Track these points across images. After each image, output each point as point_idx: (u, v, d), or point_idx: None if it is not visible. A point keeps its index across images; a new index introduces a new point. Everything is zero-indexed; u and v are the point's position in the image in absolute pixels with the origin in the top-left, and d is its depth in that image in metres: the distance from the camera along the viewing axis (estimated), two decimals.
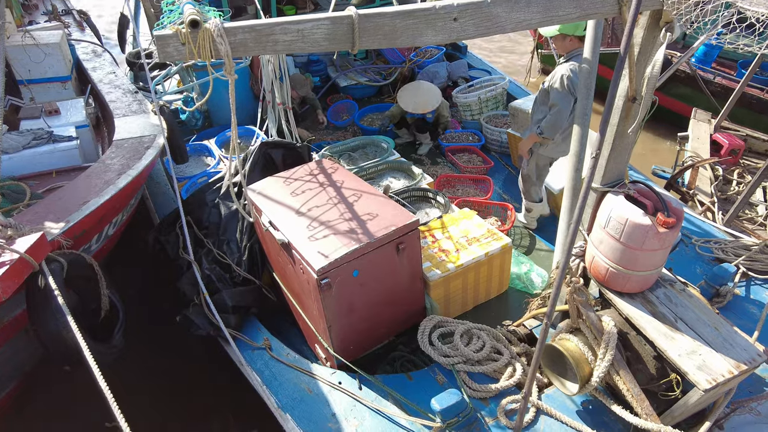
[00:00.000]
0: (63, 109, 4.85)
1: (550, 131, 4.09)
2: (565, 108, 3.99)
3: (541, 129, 4.12)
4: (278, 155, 4.34)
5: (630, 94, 2.39)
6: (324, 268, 2.97)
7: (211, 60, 1.54)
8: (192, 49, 1.48)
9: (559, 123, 4.03)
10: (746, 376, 2.54)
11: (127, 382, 4.30)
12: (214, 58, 1.55)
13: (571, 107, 3.97)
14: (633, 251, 2.60)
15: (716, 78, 7.44)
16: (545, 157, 4.44)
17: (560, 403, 3.02)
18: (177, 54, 1.50)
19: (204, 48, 1.49)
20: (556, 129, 4.08)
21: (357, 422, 3.00)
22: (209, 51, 1.51)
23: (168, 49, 1.49)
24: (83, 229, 3.32)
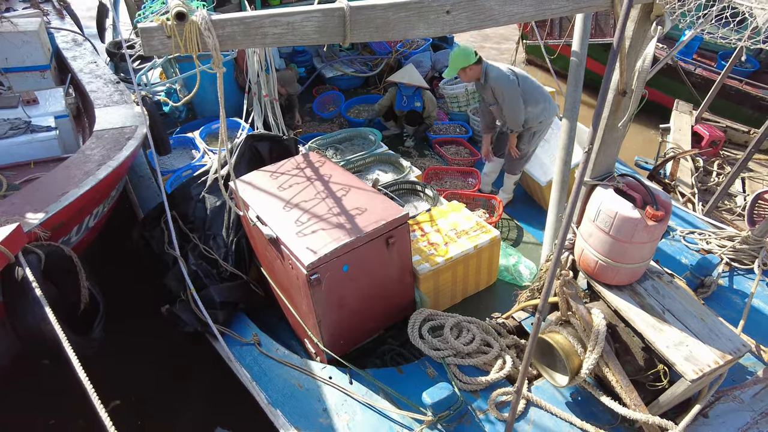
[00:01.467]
0: (42, 99, 4.71)
1: (516, 125, 4.57)
2: (517, 105, 4.46)
3: (511, 129, 4.64)
4: (265, 148, 4.28)
5: (620, 87, 2.39)
6: (313, 264, 2.95)
7: (197, 53, 1.49)
8: (178, 43, 1.43)
9: (519, 115, 4.51)
10: (731, 365, 2.58)
11: (111, 378, 4.26)
12: (201, 51, 1.50)
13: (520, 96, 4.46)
14: (622, 244, 2.62)
15: (697, 69, 7.51)
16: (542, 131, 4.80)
17: (550, 394, 3.05)
18: (162, 47, 1.45)
19: (191, 41, 1.44)
20: (519, 121, 4.55)
21: (348, 417, 3.00)
22: (196, 44, 1.46)
23: (153, 42, 1.44)
24: (61, 220, 3.24)
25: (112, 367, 4.27)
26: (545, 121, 4.69)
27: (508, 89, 4.39)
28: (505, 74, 4.43)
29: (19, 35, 5.09)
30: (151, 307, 3.93)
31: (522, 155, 4.80)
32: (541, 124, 4.69)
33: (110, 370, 4.25)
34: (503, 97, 4.44)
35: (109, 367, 4.22)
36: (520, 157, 4.81)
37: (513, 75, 4.46)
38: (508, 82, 4.40)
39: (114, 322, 4.00)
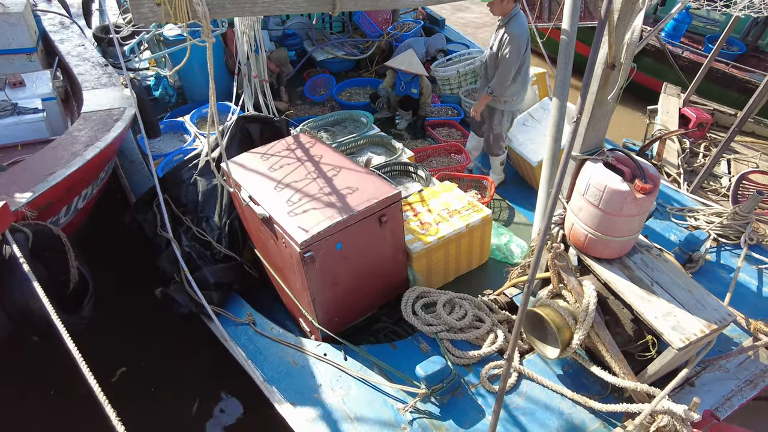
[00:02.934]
0: (28, 81, 4.66)
1: (499, 87, 4.51)
2: (512, 66, 4.40)
3: (491, 89, 4.53)
4: (256, 129, 4.27)
5: (609, 61, 2.41)
6: (307, 242, 2.96)
7: (187, 22, 1.49)
8: (168, 10, 1.43)
9: (505, 80, 4.46)
10: (716, 335, 2.64)
11: (106, 357, 4.28)
12: (191, 19, 1.50)
13: (518, 60, 4.40)
14: (611, 217, 2.66)
15: (684, 53, 7.56)
16: (514, 112, 4.85)
17: (541, 367, 3.11)
18: (152, 15, 1.45)
19: (180, 9, 1.44)
20: (504, 85, 4.50)
21: (343, 392, 3.04)
22: (186, 12, 1.46)
23: (142, 9, 1.43)
24: (49, 200, 3.24)
25: (108, 345, 4.31)
26: (515, 103, 4.71)
27: (517, 45, 4.30)
28: (525, 33, 4.35)
29: (4, 17, 5.01)
30: (146, 288, 3.95)
31: (495, 136, 4.85)
32: (509, 104, 4.69)
33: (106, 349, 4.29)
34: (508, 50, 4.32)
35: (104, 345, 4.26)
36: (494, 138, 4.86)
37: (527, 41, 4.41)
38: (521, 39, 4.32)
39: (108, 303, 4.03)
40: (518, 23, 4.33)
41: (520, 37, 4.30)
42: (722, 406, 2.81)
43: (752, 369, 2.99)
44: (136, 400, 4.02)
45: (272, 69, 6.05)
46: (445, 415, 2.87)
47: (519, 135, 4.99)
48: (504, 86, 4.51)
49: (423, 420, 2.85)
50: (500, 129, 4.85)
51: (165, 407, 4.10)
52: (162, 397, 4.15)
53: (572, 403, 2.89)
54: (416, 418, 2.86)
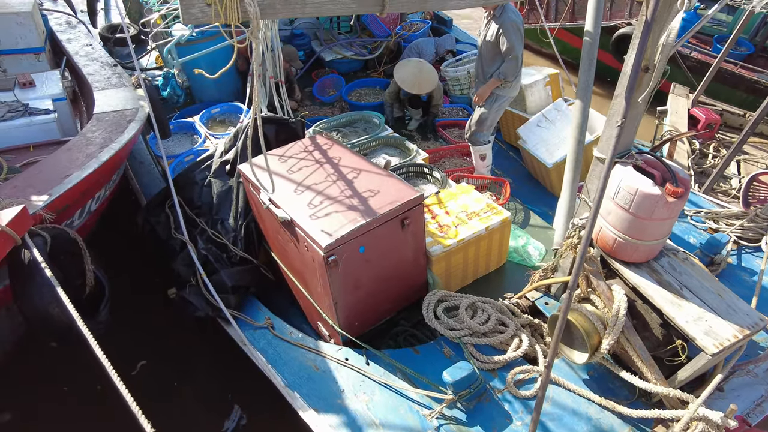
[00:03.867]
0: (38, 82, 4.60)
1: (512, 72, 4.54)
2: (520, 53, 4.49)
3: (503, 74, 4.54)
4: (271, 131, 4.23)
5: (643, 63, 2.38)
6: (330, 245, 2.92)
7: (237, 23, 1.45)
8: (218, 11, 1.39)
9: (518, 67, 4.56)
10: (748, 340, 2.62)
11: (124, 361, 4.23)
12: (241, 20, 1.46)
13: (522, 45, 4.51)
14: (642, 221, 2.63)
15: (693, 53, 7.54)
16: (507, 98, 4.80)
17: (567, 372, 3.08)
18: (202, 15, 1.41)
19: (231, 9, 1.40)
20: (516, 72, 4.56)
21: (367, 397, 3.00)
22: (236, 12, 1.42)
23: (192, 10, 1.39)
24: (66, 203, 3.20)
25: (124, 350, 4.26)
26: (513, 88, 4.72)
27: (519, 32, 4.41)
28: (521, 18, 4.47)
29: (12, 17, 4.94)
30: (159, 290, 3.91)
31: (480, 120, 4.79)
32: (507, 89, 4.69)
33: (122, 353, 4.24)
34: (513, 38, 4.39)
35: (121, 349, 4.21)
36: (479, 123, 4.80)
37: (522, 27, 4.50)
38: (520, 25, 4.43)
39: (123, 306, 3.98)
40: (512, 11, 4.45)
41: (519, 23, 4.42)
42: (753, 411, 2.79)
43: None
44: (150, 403, 3.97)
45: (284, 67, 6.00)
46: (472, 421, 2.83)
47: (533, 136, 4.96)
48: (516, 71, 4.56)
49: (450, 426, 2.82)
50: (492, 115, 4.78)
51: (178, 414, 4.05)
52: (176, 403, 4.11)
53: (600, 408, 2.86)
54: (443, 424, 2.83)
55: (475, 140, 4.93)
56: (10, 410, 3.93)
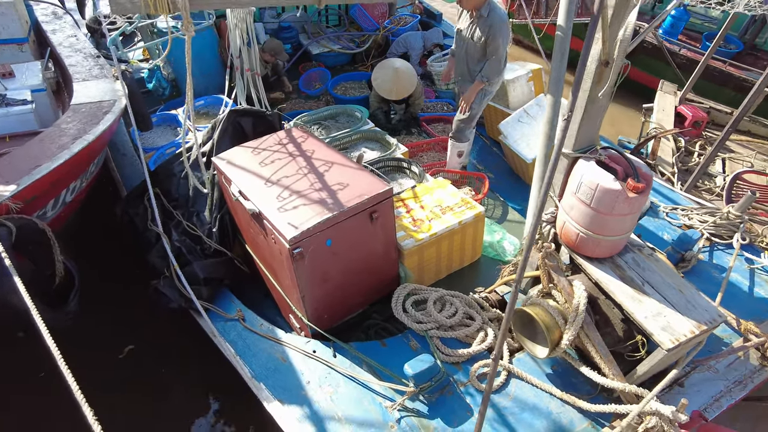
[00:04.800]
0: (18, 72, 4.60)
1: (495, 74, 4.57)
2: (504, 54, 4.48)
3: (487, 77, 4.55)
4: (248, 123, 4.22)
5: (603, 57, 2.38)
6: (296, 238, 2.93)
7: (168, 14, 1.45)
8: (147, 1, 1.39)
9: (500, 69, 4.57)
10: (707, 335, 2.63)
11: (94, 356, 4.26)
12: (172, 12, 1.46)
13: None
14: (603, 216, 2.63)
15: (682, 50, 7.52)
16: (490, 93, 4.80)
17: (531, 366, 3.10)
18: (130, 6, 1.41)
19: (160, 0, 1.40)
20: (499, 72, 4.59)
21: (331, 389, 3.02)
22: (166, 3, 1.42)
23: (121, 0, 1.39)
24: (34, 194, 3.20)
25: (96, 339, 4.30)
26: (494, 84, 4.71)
27: (506, 34, 4.40)
28: (507, 18, 4.45)
29: None
30: (138, 281, 3.92)
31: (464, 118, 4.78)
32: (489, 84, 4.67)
33: (94, 343, 4.28)
34: (500, 41, 4.37)
35: (92, 339, 4.25)
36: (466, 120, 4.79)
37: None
38: (507, 27, 4.42)
39: (100, 294, 4.00)
40: (499, 11, 4.42)
41: (506, 24, 4.41)
42: (711, 406, 2.80)
43: (741, 370, 2.98)
44: (119, 393, 3.99)
45: (267, 60, 5.98)
46: (434, 413, 2.85)
47: (514, 132, 4.96)
48: (499, 73, 4.57)
49: (411, 418, 2.83)
50: (478, 110, 4.80)
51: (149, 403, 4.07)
52: (146, 392, 4.12)
53: (561, 403, 2.88)
54: (404, 416, 2.84)
55: (460, 137, 4.91)
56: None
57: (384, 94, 5.42)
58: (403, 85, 5.36)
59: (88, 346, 4.33)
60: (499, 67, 4.51)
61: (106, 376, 4.19)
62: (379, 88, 5.41)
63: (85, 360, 4.32)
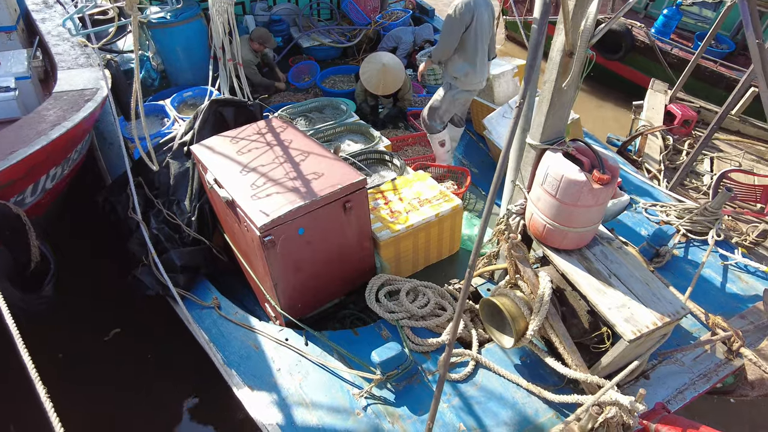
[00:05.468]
0: (3, 60, 4.62)
1: (436, 55, 4.58)
2: (450, 34, 4.38)
3: (432, 56, 4.64)
4: (230, 113, 4.24)
5: (567, 48, 2.39)
6: (266, 225, 2.95)
7: None
8: None
9: (444, 48, 4.48)
10: (670, 327, 2.64)
11: (80, 337, 4.30)
12: None
13: (460, 35, 4.39)
14: (568, 207, 2.64)
15: (673, 50, 7.51)
16: (460, 91, 4.73)
17: (500, 357, 3.12)
18: None
19: None
20: (442, 53, 4.53)
21: (301, 377, 3.04)
22: None
23: None
24: (9, 179, 3.22)
25: (75, 324, 4.33)
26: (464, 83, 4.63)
27: (449, 16, 4.36)
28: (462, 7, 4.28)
29: None
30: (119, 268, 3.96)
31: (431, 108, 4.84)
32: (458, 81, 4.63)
33: (72, 328, 4.31)
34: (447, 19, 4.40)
35: (72, 324, 4.28)
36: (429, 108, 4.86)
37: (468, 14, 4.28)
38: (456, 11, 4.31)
39: (76, 284, 4.02)
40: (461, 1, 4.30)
41: (455, 8, 4.30)
42: (674, 398, 2.82)
43: (707, 363, 2.99)
44: (91, 384, 4.04)
45: (256, 49, 5.99)
46: (400, 401, 2.87)
47: (498, 126, 4.97)
48: (438, 53, 4.55)
49: (377, 406, 2.86)
50: (438, 103, 4.81)
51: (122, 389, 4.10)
52: (122, 379, 4.16)
53: (527, 393, 2.90)
54: (371, 403, 2.87)
55: (428, 127, 4.97)
56: None
57: (371, 88, 5.43)
58: (390, 81, 5.37)
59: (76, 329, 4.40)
60: (441, 46, 4.47)
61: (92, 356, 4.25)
62: (366, 83, 5.42)
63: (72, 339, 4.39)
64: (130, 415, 3.96)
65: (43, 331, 3.92)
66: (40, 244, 3.39)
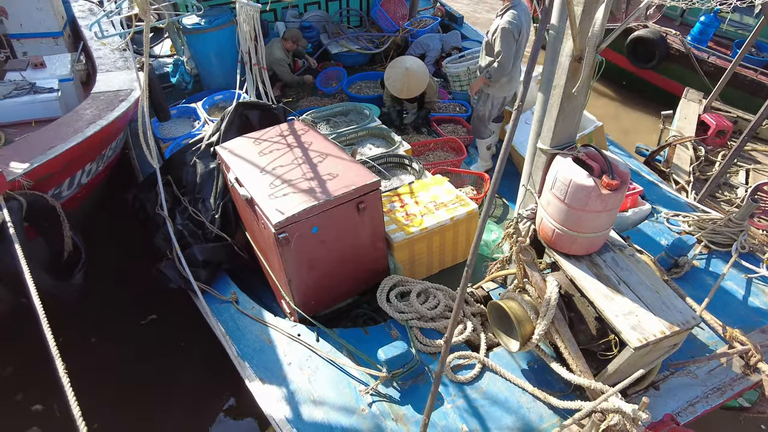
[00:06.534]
0: (49, 63, 4.93)
1: (497, 75, 4.73)
2: (508, 55, 4.58)
3: (489, 74, 4.76)
4: (255, 116, 4.39)
5: (575, 53, 2.40)
6: (281, 223, 3.05)
7: None
8: None
9: (505, 68, 4.66)
10: (680, 337, 2.59)
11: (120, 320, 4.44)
12: None
13: (513, 52, 4.61)
14: (577, 212, 2.64)
15: (710, 58, 7.28)
16: (497, 97, 5.00)
17: (507, 361, 3.11)
18: None
19: None
20: (502, 73, 4.70)
21: (311, 371, 3.12)
22: None
23: None
24: (48, 172, 3.43)
25: (108, 311, 4.53)
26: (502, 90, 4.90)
27: (506, 38, 4.51)
28: (517, 26, 4.49)
29: (32, 2, 5.31)
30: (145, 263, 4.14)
31: (478, 117, 5.14)
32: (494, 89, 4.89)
33: (105, 314, 4.51)
34: (498, 44, 4.55)
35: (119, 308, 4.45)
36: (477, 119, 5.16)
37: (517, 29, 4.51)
38: (509, 33, 4.49)
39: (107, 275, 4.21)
40: (511, 15, 4.48)
41: (509, 31, 4.48)
42: (684, 411, 2.76)
43: (722, 377, 2.91)
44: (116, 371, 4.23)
45: (288, 48, 6.21)
46: (405, 400, 2.91)
47: (519, 133, 4.95)
48: (502, 75, 4.71)
49: (382, 403, 2.90)
50: (483, 111, 5.08)
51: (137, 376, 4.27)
52: (138, 367, 4.33)
53: (532, 398, 2.89)
54: (376, 401, 2.92)
55: (477, 133, 5.30)
56: None
57: (395, 92, 5.50)
58: (413, 84, 5.43)
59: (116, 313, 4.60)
60: (500, 71, 4.66)
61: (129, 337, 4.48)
62: (390, 87, 5.50)
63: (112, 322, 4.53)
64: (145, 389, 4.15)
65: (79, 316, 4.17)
66: (73, 235, 3.59)
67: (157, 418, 4.08)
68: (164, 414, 4.13)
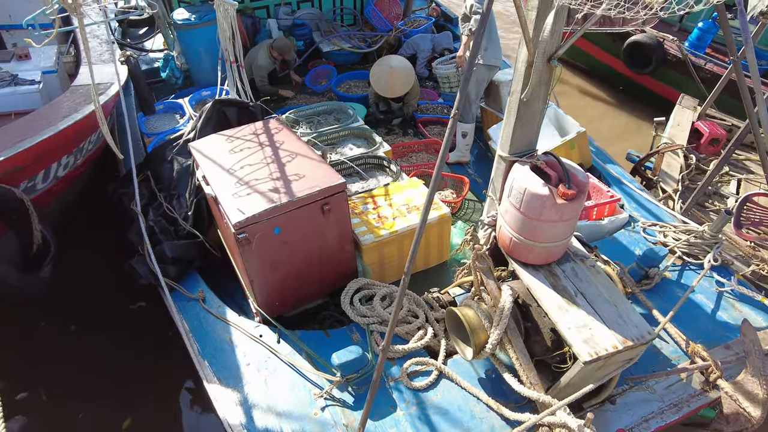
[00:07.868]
0: (34, 55, 4.94)
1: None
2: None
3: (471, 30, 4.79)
4: (233, 113, 4.38)
5: (529, 59, 2.35)
6: (241, 223, 3.03)
7: None
8: None
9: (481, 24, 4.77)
10: (635, 352, 2.54)
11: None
12: None
13: None
14: (532, 221, 2.59)
15: (707, 64, 7.16)
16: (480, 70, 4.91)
17: (465, 369, 3.08)
18: None
19: None
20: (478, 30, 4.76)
21: (268, 373, 3.11)
22: None
23: None
24: (16, 165, 3.43)
25: None
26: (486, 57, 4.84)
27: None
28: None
29: None
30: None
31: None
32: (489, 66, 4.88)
33: None
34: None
35: None
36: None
37: None
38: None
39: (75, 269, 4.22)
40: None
41: None
42: (638, 426, 2.71)
43: (680, 393, 2.85)
44: None
45: (275, 57, 6.18)
46: (358, 404, 2.89)
47: None
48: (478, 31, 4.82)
49: (335, 407, 2.88)
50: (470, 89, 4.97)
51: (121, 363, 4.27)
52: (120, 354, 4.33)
53: (486, 408, 2.85)
54: (329, 405, 2.89)
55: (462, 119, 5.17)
56: None
57: (380, 91, 5.47)
58: (398, 83, 5.39)
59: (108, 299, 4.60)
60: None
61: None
62: (375, 85, 5.47)
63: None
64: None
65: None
66: (42, 228, 3.59)
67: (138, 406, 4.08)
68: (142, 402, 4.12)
